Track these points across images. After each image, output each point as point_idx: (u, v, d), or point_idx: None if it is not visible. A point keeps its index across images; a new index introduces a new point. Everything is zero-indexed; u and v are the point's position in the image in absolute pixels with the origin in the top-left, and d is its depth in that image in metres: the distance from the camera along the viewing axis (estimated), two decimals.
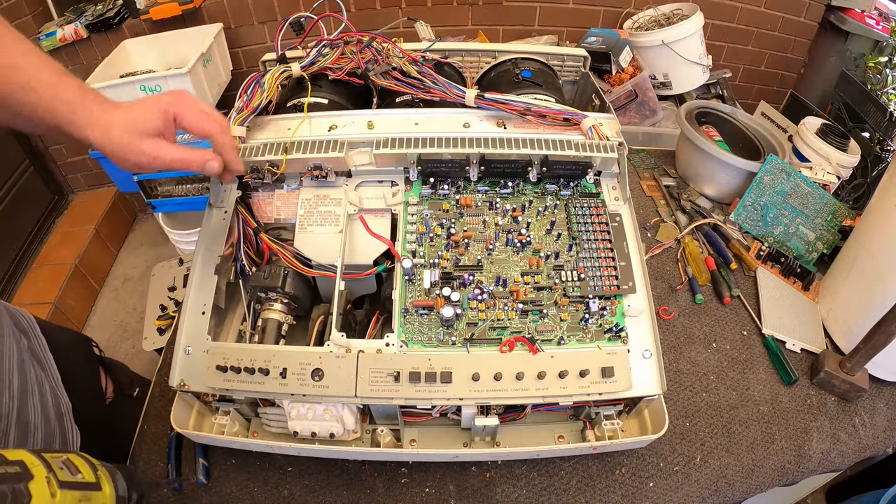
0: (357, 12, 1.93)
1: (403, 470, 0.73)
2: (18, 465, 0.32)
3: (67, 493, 0.34)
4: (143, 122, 0.57)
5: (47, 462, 0.34)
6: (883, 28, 1.84)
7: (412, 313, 0.63)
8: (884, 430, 0.82)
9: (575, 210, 0.70)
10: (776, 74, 2.24)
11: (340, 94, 0.79)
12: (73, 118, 0.55)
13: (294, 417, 0.62)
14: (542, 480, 0.72)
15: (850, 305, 0.89)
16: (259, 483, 0.72)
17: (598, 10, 1.99)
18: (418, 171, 0.70)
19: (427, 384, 0.59)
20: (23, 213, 2.04)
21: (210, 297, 0.65)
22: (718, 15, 2.01)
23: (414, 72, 0.76)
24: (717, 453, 0.76)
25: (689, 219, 1.09)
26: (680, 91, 1.69)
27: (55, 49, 1.93)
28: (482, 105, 0.73)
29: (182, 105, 0.59)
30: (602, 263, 0.67)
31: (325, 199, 0.71)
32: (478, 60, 0.93)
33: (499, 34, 2.04)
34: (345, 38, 0.79)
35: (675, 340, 0.89)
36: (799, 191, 1.03)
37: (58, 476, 0.34)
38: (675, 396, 0.82)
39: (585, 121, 0.73)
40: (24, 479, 0.32)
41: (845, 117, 1.43)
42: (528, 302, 0.64)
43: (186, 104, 0.60)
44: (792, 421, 0.81)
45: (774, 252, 1.00)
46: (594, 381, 0.60)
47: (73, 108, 0.55)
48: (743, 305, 0.95)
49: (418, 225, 0.69)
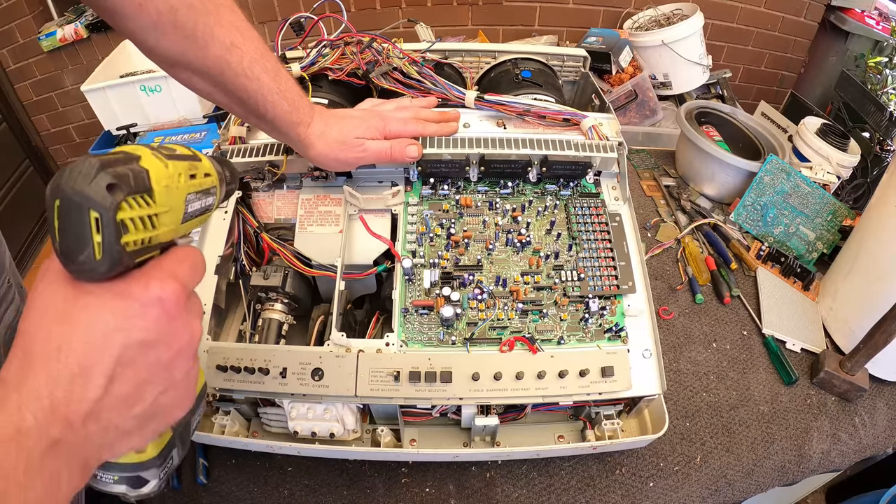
0: (357, 13, 1.93)
1: (403, 470, 0.73)
2: (121, 153, 0.30)
3: (178, 163, 0.33)
4: (357, 133, 0.62)
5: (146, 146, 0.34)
6: (883, 28, 1.84)
7: (412, 313, 0.63)
8: (884, 430, 0.82)
9: (575, 210, 0.70)
10: (776, 74, 2.24)
11: (341, 95, 0.79)
12: (290, 117, 0.57)
13: (294, 417, 0.62)
14: (542, 480, 0.72)
15: (850, 305, 0.89)
16: (259, 483, 0.72)
17: (598, 10, 1.99)
18: (418, 171, 0.70)
19: (427, 384, 0.59)
20: (23, 213, 2.04)
21: (210, 297, 0.65)
22: (718, 15, 2.00)
23: (414, 72, 0.76)
24: (717, 453, 0.76)
25: (689, 219, 1.09)
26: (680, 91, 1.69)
27: (55, 49, 1.93)
28: (482, 107, 0.73)
29: (388, 122, 0.64)
30: (602, 263, 0.67)
31: (326, 199, 0.71)
32: (478, 60, 0.93)
33: (499, 34, 2.04)
34: (345, 38, 0.79)
35: (675, 340, 0.90)
36: (799, 191, 1.03)
37: (161, 152, 0.33)
38: (675, 396, 0.82)
39: (585, 121, 0.73)
40: (134, 160, 0.30)
41: (845, 117, 1.43)
42: (527, 302, 0.64)
43: (390, 121, 0.65)
44: (792, 421, 0.81)
45: (774, 252, 1.00)
46: (594, 381, 0.60)
47: (295, 106, 0.57)
48: (743, 305, 0.95)
49: (418, 225, 0.69)
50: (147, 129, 1.50)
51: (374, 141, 0.63)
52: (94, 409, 0.28)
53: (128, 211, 0.28)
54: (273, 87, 0.55)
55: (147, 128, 1.51)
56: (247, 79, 0.52)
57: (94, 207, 0.26)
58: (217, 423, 0.66)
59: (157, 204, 0.30)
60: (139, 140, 1.47)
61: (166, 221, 0.31)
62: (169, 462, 0.38)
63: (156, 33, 0.46)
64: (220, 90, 0.53)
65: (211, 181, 0.37)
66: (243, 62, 0.51)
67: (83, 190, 0.26)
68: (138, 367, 0.29)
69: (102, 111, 1.48)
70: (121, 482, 0.35)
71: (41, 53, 1.96)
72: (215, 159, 0.40)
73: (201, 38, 0.48)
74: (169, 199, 0.31)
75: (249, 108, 0.55)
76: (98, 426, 0.28)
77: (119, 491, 0.36)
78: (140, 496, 0.37)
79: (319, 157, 0.62)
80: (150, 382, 0.30)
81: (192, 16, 0.47)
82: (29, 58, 1.98)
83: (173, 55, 0.49)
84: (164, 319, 0.30)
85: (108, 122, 1.50)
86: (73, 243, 0.27)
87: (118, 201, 0.27)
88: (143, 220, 0.29)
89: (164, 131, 1.44)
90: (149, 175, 0.30)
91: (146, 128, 1.51)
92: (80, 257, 0.27)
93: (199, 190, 0.36)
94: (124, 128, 1.49)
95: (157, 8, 0.45)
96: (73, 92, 2.05)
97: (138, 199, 0.29)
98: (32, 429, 0.26)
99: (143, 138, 1.46)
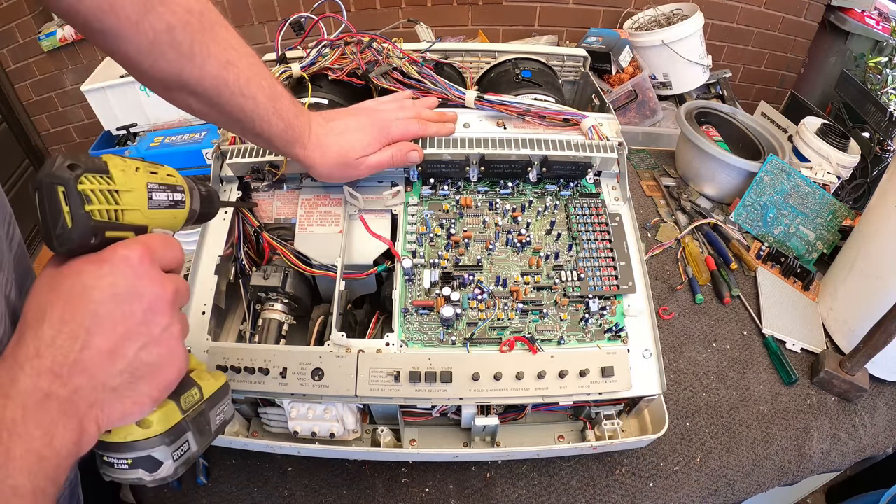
0: (357, 13, 1.93)
1: (403, 470, 0.73)
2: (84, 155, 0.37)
3: (137, 161, 0.40)
4: (357, 151, 0.61)
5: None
6: (883, 28, 1.84)
7: (412, 313, 0.63)
8: (884, 430, 0.82)
9: (575, 210, 0.70)
10: (776, 74, 2.24)
11: (341, 95, 0.79)
12: (285, 136, 0.57)
13: (294, 417, 0.62)
14: (542, 480, 0.72)
15: (850, 305, 0.89)
16: (259, 483, 0.72)
17: (598, 10, 1.99)
18: (418, 171, 0.70)
19: (427, 384, 0.59)
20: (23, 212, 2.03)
21: (210, 297, 0.65)
22: (718, 15, 2.00)
23: (414, 72, 0.76)
24: (717, 453, 0.76)
25: (689, 219, 1.09)
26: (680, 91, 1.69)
27: (55, 49, 1.93)
28: (482, 107, 0.73)
29: (390, 128, 0.64)
30: (602, 263, 0.67)
31: (326, 199, 0.71)
32: (478, 60, 0.93)
33: (499, 34, 2.04)
34: (345, 38, 0.79)
35: (675, 340, 0.90)
36: (799, 191, 1.03)
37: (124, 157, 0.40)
38: (675, 396, 0.82)
39: (585, 121, 0.73)
40: (96, 158, 0.37)
41: (845, 117, 1.43)
42: (527, 302, 0.64)
43: (392, 125, 0.64)
44: (792, 421, 0.81)
45: (774, 252, 1.00)
46: (594, 381, 0.60)
47: (289, 125, 0.56)
48: (743, 305, 0.95)
49: (418, 225, 0.69)
50: (147, 129, 1.50)
51: (376, 154, 0.62)
52: (77, 360, 0.32)
53: (88, 184, 0.35)
54: (269, 105, 0.54)
55: (147, 128, 1.51)
56: (243, 98, 0.52)
57: (59, 182, 0.33)
58: None
59: (115, 182, 0.37)
60: (139, 140, 1.47)
61: (129, 201, 0.38)
62: (184, 447, 0.40)
63: (152, 55, 0.45)
64: (217, 110, 0.52)
65: (175, 180, 0.43)
66: (240, 80, 0.51)
67: (51, 172, 0.34)
68: (114, 321, 0.33)
69: (102, 111, 1.48)
70: (135, 466, 0.37)
71: (41, 53, 1.96)
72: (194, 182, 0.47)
73: (198, 56, 0.47)
74: (126, 180, 0.38)
75: (246, 127, 0.55)
76: (85, 380, 0.32)
77: (136, 476, 0.37)
78: (157, 481, 0.38)
79: (322, 177, 0.63)
80: (128, 337, 0.34)
81: (188, 33, 0.46)
82: (29, 58, 1.98)
83: (170, 76, 0.47)
84: (130, 274, 0.34)
85: (108, 122, 1.50)
86: (50, 220, 0.33)
87: (78, 174, 0.34)
88: (103, 193, 0.36)
89: (164, 131, 1.44)
90: (106, 162, 0.37)
91: (146, 128, 1.51)
92: (56, 230, 0.34)
93: (162, 182, 0.41)
94: (124, 128, 1.49)
95: (154, 27, 0.44)
96: (73, 92, 2.05)
97: (97, 177, 0.36)
98: (26, 384, 0.30)
99: (142, 138, 1.46)
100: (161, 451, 0.38)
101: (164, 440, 0.38)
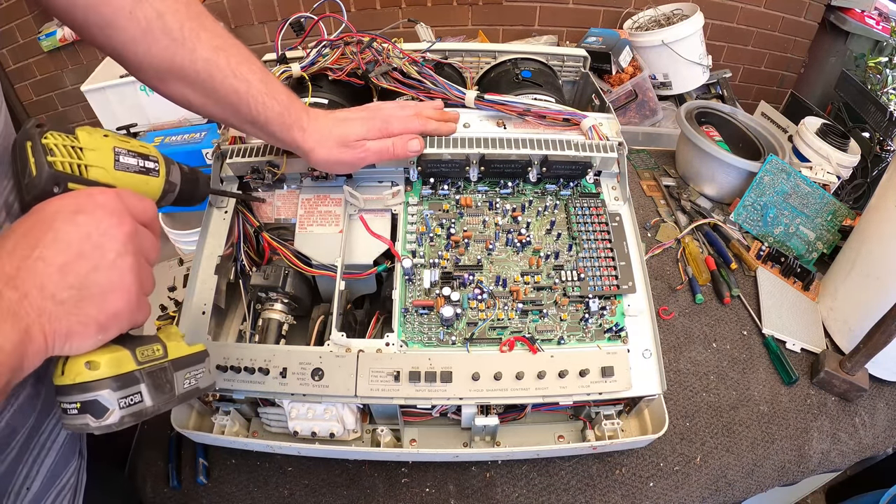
0: (357, 12, 1.93)
1: (403, 470, 0.73)
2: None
3: (106, 130, 0.46)
4: (359, 134, 0.61)
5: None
6: (883, 28, 1.84)
7: (412, 313, 0.63)
8: (884, 430, 0.82)
9: (575, 210, 0.70)
10: (776, 74, 2.24)
11: (341, 95, 0.79)
12: (283, 119, 0.57)
13: (294, 417, 0.62)
14: (542, 480, 0.72)
15: (850, 305, 0.89)
16: (259, 483, 0.72)
17: (598, 10, 1.99)
18: (418, 171, 0.70)
19: (427, 384, 0.59)
20: None
21: (210, 297, 0.65)
22: (718, 15, 2.00)
23: (414, 72, 0.76)
24: (717, 453, 0.76)
25: (689, 219, 1.09)
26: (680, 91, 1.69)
27: (55, 49, 1.93)
28: (482, 106, 0.73)
29: (390, 123, 0.63)
30: (602, 263, 0.67)
31: (326, 199, 0.71)
32: (478, 60, 0.93)
33: (499, 34, 2.04)
34: (345, 38, 0.79)
35: (675, 340, 0.90)
36: (799, 191, 1.03)
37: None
38: (675, 396, 0.82)
39: (585, 121, 0.73)
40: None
41: (845, 117, 1.43)
42: (528, 302, 0.64)
43: (393, 120, 0.64)
44: (792, 421, 0.81)
45: (774, 252, 1.00)
46: (594, 381, 0.60)
47: (286, 107, 0.57)
48: (743, 305, 0.95)
49: (418, 225, 0.69)
50: (147, 129, 1.50)
51: (376, 140, 0.62)
52: (31, 268, 0.34)
53: (52, 139, 0.41)
54: (262, 88, 0.55)
55: (147, 128, 1.51)
56: (236, 80, 0.53)
57: (27, 139, 0.40)
58: (217, 423, 0.66)
59: (79, 140, 0.42)
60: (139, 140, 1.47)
61: (93, 158, 0.43)
62: (135, 398, 0.40)
63: (146, 42, 0.48)
64: (212, 98, 0.54)
65: (147, 150, 0.48)
66: (231, 63, 0.53)
67: (23, 130, 0.40)
68: (70, 240, 0.36)
69: (102, 111, 1.48)
70: (83, 411, 0.38)
71: (41, 53, 1.96)
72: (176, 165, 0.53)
73: (189, 40, 0.50)
74: (90, 140, 0.43)
75: (242, 113, 0.56)
76: (36, 288, 0.34)
77: (83, 422, 0.38)
78: (103, 428, 0.38)
79: (321, 161, 0.62)
80: (81, 256, 0.36)
81: (177, 19, 0.49)
82: (29, 58, 1.98)
83: (163, 63, 0.50)
84: (92, 205, 0.38)
85: (108, 122, 1.50)
86: (20, 171, 0.39)
87: (43, 131, 0.40)
88: (66, 148, 0.41)
89: (164, 131, 1.44)
90: (74, 127, 0.43)
91: (146, 128, 1.51)
92: (25, 180, 0.39)
93: (132, 149, 0.46)
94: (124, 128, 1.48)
95: (146, 14, 0.47)
96: (72, 92, 2.05)
97: (62, 135, 0.41)
98: None
99: (142, 138, 1.46)
100: (107, 395, 0.38)
101: (111, 384, 0.38)
